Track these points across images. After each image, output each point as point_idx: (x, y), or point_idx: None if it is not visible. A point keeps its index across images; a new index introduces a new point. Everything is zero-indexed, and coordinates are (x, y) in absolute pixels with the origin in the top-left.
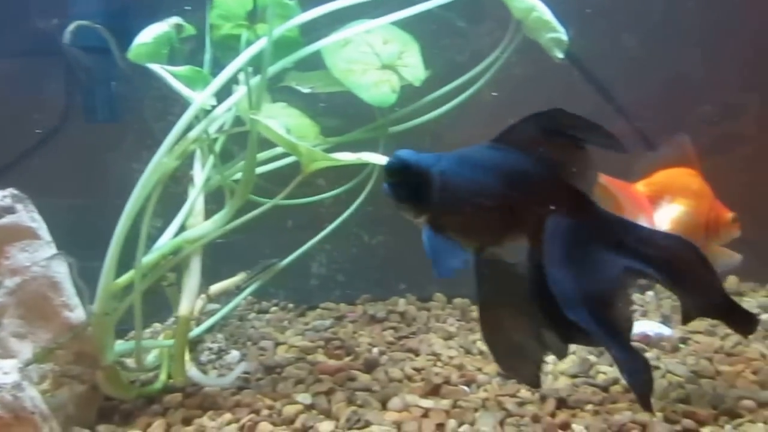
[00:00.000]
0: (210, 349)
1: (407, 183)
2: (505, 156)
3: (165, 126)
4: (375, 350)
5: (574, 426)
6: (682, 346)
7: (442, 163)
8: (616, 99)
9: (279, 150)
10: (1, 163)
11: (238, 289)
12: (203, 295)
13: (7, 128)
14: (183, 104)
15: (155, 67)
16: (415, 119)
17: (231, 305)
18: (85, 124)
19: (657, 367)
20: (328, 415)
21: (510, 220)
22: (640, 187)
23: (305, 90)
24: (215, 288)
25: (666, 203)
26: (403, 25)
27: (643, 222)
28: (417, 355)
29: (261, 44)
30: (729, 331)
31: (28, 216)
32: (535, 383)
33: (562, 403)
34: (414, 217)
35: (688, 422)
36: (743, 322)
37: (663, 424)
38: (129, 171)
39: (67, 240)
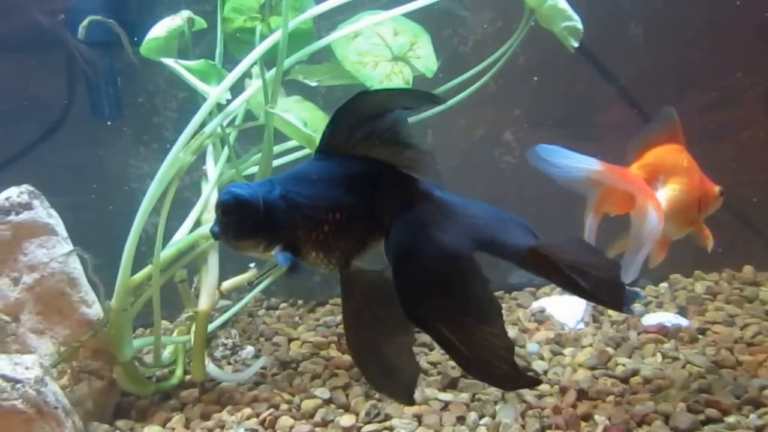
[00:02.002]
0: (224, 344)
1: (248, 218)
2: (335, 164)
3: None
4: None
5: (596, 417)
6: (700, 336)
7: (278, 187)
8: (621, 85)
9: (291, 143)
10: (2, 159)
11: (250, 284)
12: (215, 291)
13: (7, 124)
14: (180, 100)
15: (168, 62)
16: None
17: (244, 301)
18: (82, 121)
19: (676, 358)
20: (347, 409)
21: (364, 226)
22: (635, 170)
23: (312, 83)
24: (227, 284)
25: (660, 184)
26: (407, 15)
27: (651, 211)
28: (431, 349)
29: (276, 37)
30: (749, 320)
31: (45, 212)
32: (408, 400)
33: (582, 395)
34: (264, 251)
35: (711, 411)
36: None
37: (686, 414)
38: (125, 167)
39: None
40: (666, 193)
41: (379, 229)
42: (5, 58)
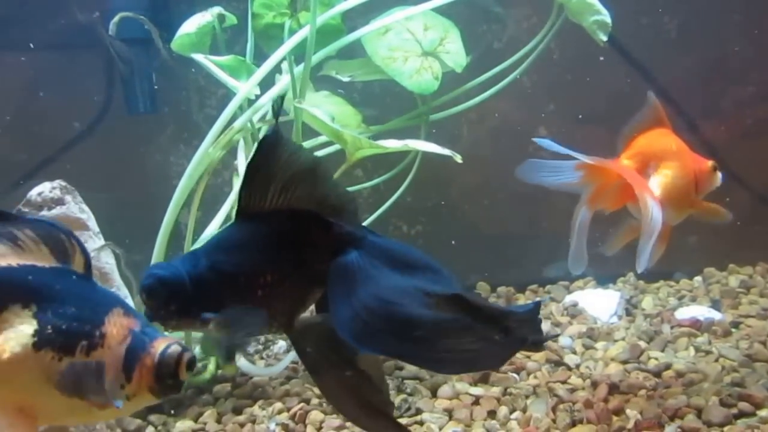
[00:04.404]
0: (256, 339)
1: (176, 299)
2: (258, 224)
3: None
4: None
5: (628, 411)
6: (734, 330)
7: (203, 259)
8: (657, 80)
9: (321, 139)
10: (42, 157)
11: None
12: None
13: (46, 121)
14: (219, 97)
15: (199, 57)
16: (456, 106)
17: None
18: (121, 117)
19: (709, 352)
20: None
21: (300, 282)
22: (625, 162)
23: (345, 78)
24: None
25: (652, 171)
26: (440, 11)
27: (652, 202)
28: None
29: (304, 33)
30: None
31: (77, 207)
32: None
33: (614, 389)
34: (201, 327)
35: (744, 405)
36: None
37: (719, 408)
38: (166, 163)
39: (105, 233)
40: (659, 180)
41: (317, 281)
42: (45, 56)
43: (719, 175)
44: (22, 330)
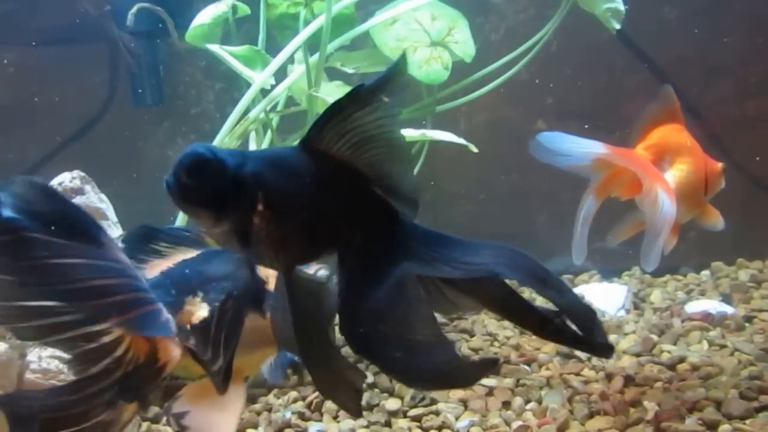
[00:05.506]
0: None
1: (209, 186)
2: (319, 162)
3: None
4: None
5: (645, 403)
6: (747, 324)
7: (252, 165)
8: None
9: None
10: (46, 150)
11: None
12: None
13: (50, 115)
14: (216, 91)
15: (214, 48)
16: (455, 99)
17: None
18: (119, 111)
19: (724, 346)
20: (391, 393)
21: (326, 235)
22: (640, 152)
23: (350, 70)
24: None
25: (667, 165)
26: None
27: (662, 194)
28: (472, 335)
29: (319, 22)
30: None
31: (96, 197)
32: (355, 411)
33: (629, 381)
34: (212, 227)
35: (765, 398)
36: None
37: (739, 401)
38: (164, 158)
39: None
40: (674, 174)
41: (336, 244)
42: (50, 50)
43: (725, 177)
44: (202, 315)
